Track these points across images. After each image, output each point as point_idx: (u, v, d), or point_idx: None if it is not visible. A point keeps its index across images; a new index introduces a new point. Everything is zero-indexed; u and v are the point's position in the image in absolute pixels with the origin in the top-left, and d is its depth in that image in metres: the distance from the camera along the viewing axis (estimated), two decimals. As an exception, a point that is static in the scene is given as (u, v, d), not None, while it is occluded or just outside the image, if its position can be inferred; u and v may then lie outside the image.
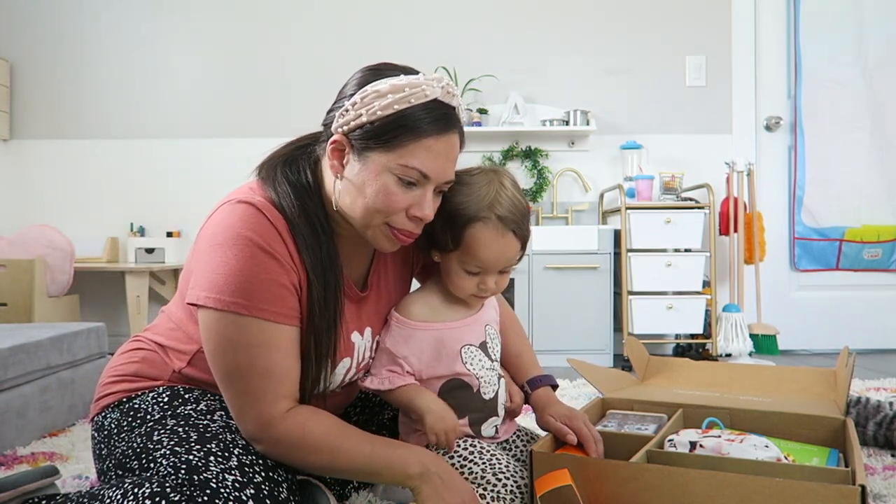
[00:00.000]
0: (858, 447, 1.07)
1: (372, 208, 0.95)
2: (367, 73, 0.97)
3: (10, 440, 1.58)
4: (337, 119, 0.96)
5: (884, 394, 2.15)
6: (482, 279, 1.08)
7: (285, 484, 0.92)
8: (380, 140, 0.93)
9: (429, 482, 0.95)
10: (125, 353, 1.12)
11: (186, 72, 3.38)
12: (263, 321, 0.92)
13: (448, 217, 1.04)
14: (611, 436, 1.18)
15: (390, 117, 0.92)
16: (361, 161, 0.95)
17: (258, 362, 0.92)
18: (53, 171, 3.38)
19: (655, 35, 3.30)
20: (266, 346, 0.92)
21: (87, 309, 3.26)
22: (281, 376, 0.94)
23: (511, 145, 3.28)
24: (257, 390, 0.92)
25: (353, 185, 0.96)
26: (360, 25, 3.33)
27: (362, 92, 0.94)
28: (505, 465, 1.07)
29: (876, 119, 3.20)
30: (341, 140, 0.95)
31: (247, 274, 0.91)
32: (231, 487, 0.85)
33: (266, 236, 0.93)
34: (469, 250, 1.05)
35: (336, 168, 0.97)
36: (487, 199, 1.04)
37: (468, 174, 1.08)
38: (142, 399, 1.04)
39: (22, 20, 3.39)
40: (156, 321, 1.15)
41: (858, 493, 0.86)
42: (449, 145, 0.96)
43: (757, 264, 2.99)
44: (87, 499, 0.92)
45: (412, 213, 0.97)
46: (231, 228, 0.93)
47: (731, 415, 1.29)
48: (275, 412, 0.93)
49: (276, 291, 0.93)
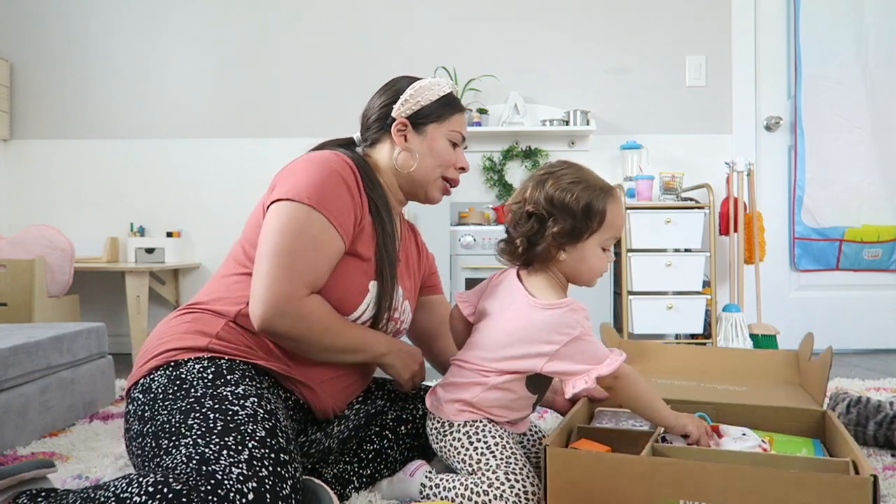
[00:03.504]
0: (850, 437, 1.09)
1: (436, 164, 1.31)
2: (403, 79, 1.34)
3: (10, 440, 1.58)
4: (396, 109, 1.29)
5: (884, 394, 2.15)
6: (609, 254, 1.17)
7: (290, 481, 0.93)
8: (435, 115, 1.30)
9: (397, 357, 1.28)
10: (174, 318, 1.21)
11: (186, 72, 3.38)
12: (326, 220, 1.14)
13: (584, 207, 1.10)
14: (611, 432, 1.19)
15: (439, 101, 1.31)
16: (420, 134, 1.30)
17: (306, 250, 1.12)
18: (53, 171, 3.38)
19: (655, 35, 3.30)
20: (320, 243, 1.14)
21: (87, 309, 3.26)
22: (314, 269, 1.14)
23: (511, 145, 3.29)
24: (295, 270, 1.11)
25: (418, 151, 1.30)
26: (361, 26, 3.33)
27: (412, 88, 1.30)
28: (520, 467, 1.08)
29: (876, 119, 3.20)
30: (404, 122, 1.30)
31: (323, 184, 1.15)
32: (235, 480, 0.87)
33: (347, 172, 1.19)
34: (612, 224, 1.14)
35: (401, 142, 1.30)
36: (596, 180, 1.15)
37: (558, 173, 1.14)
38: (188, 370, 1.09)
39: (22, 20, 3.38)
40: (206, 289, 1.25)
41: (870, 483, 0.88)
42: (464, 117, 1.38)
43: (757, 264, 2.99)
44: (93, 489, 0.93)
45: (459, 164, 1.35)
46: (321, 159, 1.19)
47: (716, 409, 1.33)
48: (300, 291, 1.12)
49: (340, 205, 1.16)
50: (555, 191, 1.11)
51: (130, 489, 0.87)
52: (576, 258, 1.13)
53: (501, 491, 1.04)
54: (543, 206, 1.11)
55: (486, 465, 1.08)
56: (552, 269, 1.15)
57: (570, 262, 1.13)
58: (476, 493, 1.06)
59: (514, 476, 1.06)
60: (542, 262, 1.14)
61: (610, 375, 1.08)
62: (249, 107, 3.31)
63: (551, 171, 1.15)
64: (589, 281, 1.16)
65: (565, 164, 1.17)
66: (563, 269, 1.15)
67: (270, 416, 1.01)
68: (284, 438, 0.99)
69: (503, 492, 1.04)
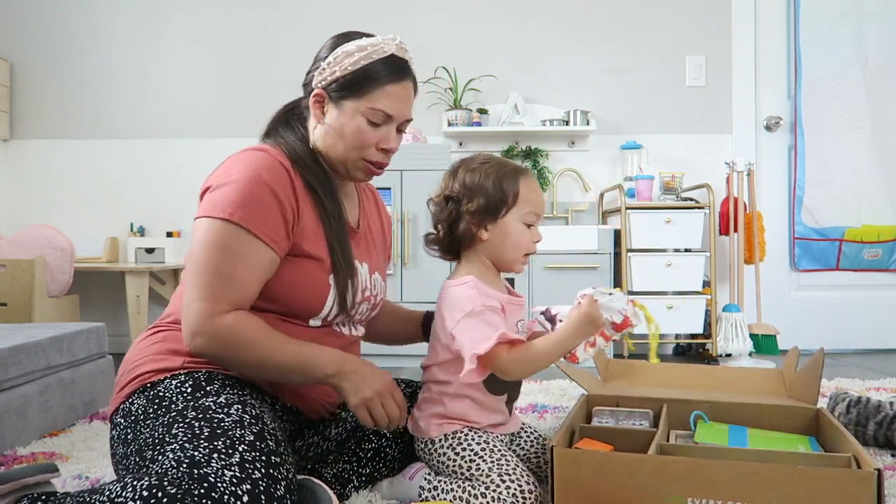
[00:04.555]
0: (848, 433, 1.10)
1: (349, 146, 1.17)
2: (337, 38, 1.20)
3: (10, 440, 1.58)
4: (316, 77, 1.18)
5: (884, 394, 2.15)
6: (534, 231, 1.20)
7: (284, 482, 0.92)
8: (352, 90, 1.15)
9: (346, 379, 1.10)
10: (145, 339, 1.18)
11: (186, 72, 3.38)
12: (244, 231, 1.06)
13: (496, 182, 1.17)
14: (612, 431, 1.20)
15: (358, 70, 1.15)
16: (338, 108, 1.17)
17: (226, 266, 1.06)
18: (53, 171, 3.38)
19: (655, 35, 3.30)
20: (240, 257, 1.06)
21: (87, 309, 3.26)
22: (239, 286, 1.07)
23: (511, 145, 3.28)
24: (216, 288, 1.05)
25: (333, 128, 1.17)
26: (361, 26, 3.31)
27: (334, 53, 1.16)
28: (513, 467, 1.08)
29: (876, 119, 3.20)
30: (321, 93, 1.18)
31: (243, 193, 1.07)
32: (228, 482, 0.86)
33: (273, 173, 1.11)
34: (528, 198, 1.18)
35: (318, 116, 1.19)
36: (507, 163, 1.21)
37: (472, 159, 1.23)
38: (165, 387, 1.07)
39: (22, 20, 3.39)
40: (171, 305, 1.22)
41: (875, 477, 0.90)
42: (405, 90, 1.19)
43: (757, 264, 2.99)
44: (89, 493, 0.93)
45: (381, 146, 1.19)
46: (243, 164, 1.11)
47: (712, 408, 1.34)
48: (219, 309, 1.05)
49: (265, 213, 1.08)
50: (466, 173, 1.19)
51: (125, 493, 0.86)
52: (498, 235, 1.17)
53: (498, 493, 1.04)
54: (458, 189, 1.18)
55: (478, 469, 1.09)
56: (479, 256, 1.19)
57: (494, 239, 1.17)
58: (474, 495, 1.06)
59: (508, 477, 1.06)
60: (467, 246, 1.19)
61: (503, 357, 1.06)
62: (249, 107, 3.31)
63: (463, 160, 1.23)
64: (513, 260, 1.19)
65: (478, 154, 1.25)
66: (488, 252, 1.19)
67: (257, 420, 1.00)
68: (274, 441, 0.98)
69: (500, 493, 1.04)
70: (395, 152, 1.22)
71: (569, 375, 1.46)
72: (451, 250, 1.22)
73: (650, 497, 0.98)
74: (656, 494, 0.98)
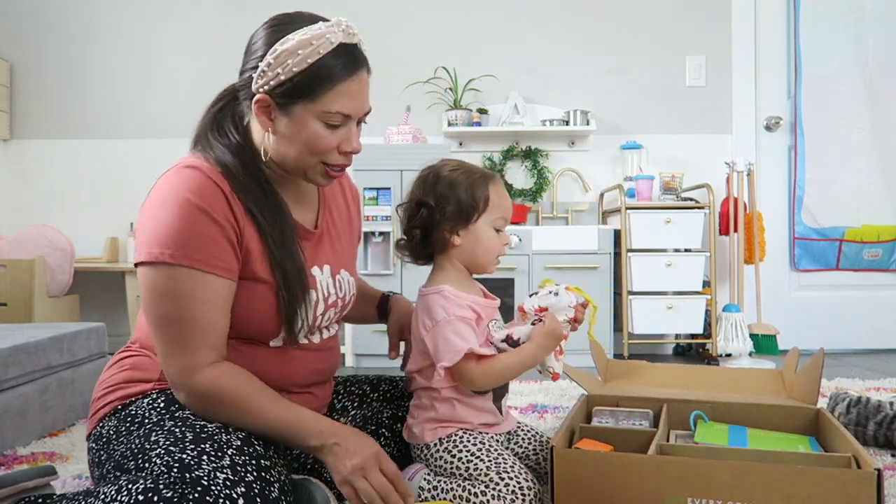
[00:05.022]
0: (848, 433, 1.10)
1: (305, 153, 1.05)
2: (270, 30, 1.05)
3: (10, 440, 1.58)
4: (256, 80, 1.03)
5: (884, 394, 2.15)
6: (504, 235, 1.21)
7: (277, 484, 0.92)
8: (301, 94, 1.01)
9: (330, 453, 1.00)
10: (114, 365, 1.14)
11: (186, 72, 3.38)
12: (191, 269, 0.97)
13: (467, 189, 1.17)
14: (612, 431, 1.20)
15: (305, 71, 1.00)
16: (287, 115, 1.03)
17: (185, 312, 0.97)
18: (53, 171, 3.38)
19: (655, 35, 3.30)
20: (192, 295, 0.97)
21: (87, 309, 3.26)
22: (206, 327, 0.99)
23: (511, 145, 3.28)
24: (182, 338, 0.98)
25: (285, 136, 1.05)
26: (360, 26, 3.31)
27: (273, 52, 1.01)
28: (511, 464, 1.09)
29: (876, 119, 3.20)
30: (265, 98, 1.03)
31: (178, 228, 0.97)
32: (222, 485, 0.85)
33: (206, 195, 0.99)
34: (497, 204, 1.19)
35: (265, 123, 1.05)
36: (476, 170, 1.22)
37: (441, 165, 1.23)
38: (137, 406, 1.05)
39: (22, 20, 3.39)
40: (136, 328, 1.17)
41: (874, 476, 0.90)
42: (361, 82, 1.06)
43: (757, 264, 2.99)
44: (84, 496, 0.92)
45: (343, 148, 1.07)
46: (171, 191, 1.00)
47: (712, 408, 1.34)
48: (197, 360, 0.98)
49: (207, 243, 0.98)
50: (437, 181, 1.19)
51: (120, 497, 0.85)
52: (470, 240, 1.18)
53: (498, 490, 1.05)
54: (430, 196, 1.18)
55: (476, 469, 1.09)
56: (452, 261, 1.20)
57: (466, 244, 1.18)
58: (473, 493, 1.06)
59: (506, 474, 1.06)
60: (440, 251, 1.20)
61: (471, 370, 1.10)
62: (249, 107, 3.30)
63: (432, 166, 1.23)
64: (486, 263, 1.20)
65: (446, 160, 1.25)
66: (460, 256, 1.20)
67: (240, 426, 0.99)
68: (261, 445, 0.97)
69: (500, 491, 1.05)
70: (359, 153, 1.10)
71: (569, 375, 1.46)
72: (424, 255, 1.23)
73: (650, 497, 0.98)
74: (656, 494, 0.98)
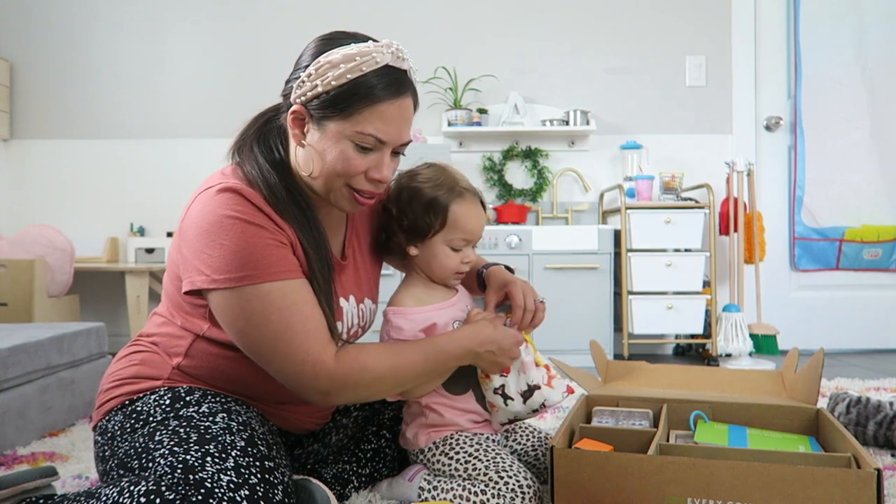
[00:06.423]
0: (848, 433, 1.10)
1: (332, 173, 1.00)
2: (320, 43, 1.02)
3: (10, 440, 1.58)
4: (295, 90, 1.00)
5: (884, 394, 2.15)
6: (464, 253, 1.17)
7: (281, 486, 0.92)
8: (336, 109, 0.97)
9: (481, 359, 1.10)
10: (123, 358, 1.12)
11: (187, 72, 3.38)
12: (280, 282, 0.95)
13: (425, 205, 1.13)
14: (612, 431, 1.20)
15: (344, 86, 0.96)
16: (320, 130, 0.99)
17: (294, 321, 0.95)
18: (53, 171, 3.38)
19: (655, 35, 3.30)
20: (293, 303, 0.96)
21: (87, 309, 3.26)
22: (316, 326, 0.97)
23: (511, 145, 3.28)
24: (303, 348, 0.95)
25: (315, 151, 1.00)
26: (361, 26, 3.31)
27: (316, 63, 0.98)
28: (509, 464, 1.09)
29: (876, 119, 3.20)
30: (300, 110, 1.00)
31: (243, 246, 0.94)
32: (226, 488, 0.85)
33: (247, 210, 0.96)
34: (456, 224, 1.13)
35: (298, 136, 1.02)
36: (449, 181, 1.15)
37: (418, 170, 1.18)
38: (144, 402, 1.04)
39: (22, 20, 3.39)
40: (148, 323, 1.16)
41: (874, 476, 0.91)
42: (402, 108, 1.00)
43: (757, 264, 2.99)
44: (85, 497, 0.92)
45: (371, 175, 1.02)
46: (213, 213, 0.95)
47: (712, 408, 1.34)
48: (328, 361, 0.97)
49: (276, 252, 0.96)
50: (405, 188, 1.15)
51: (122, 499, 0.85)
52: (426, 255, 1.17)
53: (498, 489, 1.05)
54: (393, 203, 1.16)
55: (475, 469, 1.10)
56: (416, 268, 1.20)
57: (422, 257, 1.17)
58: (473, 493, 1.06)
59: (506, 473, 1.07)
60: (400, 255, 1.19)
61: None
62: (249, 107, 3.30)
63: (410, 170, 1.19)
64: (442, 279, 1.18)
65: (431, 164, 1.19)
66: (419, 266, 1.19)
67: (245, 426, 0.98)
68: (265, 446, 0.96)
69: (499, 489, 1.05)
70: (388, 181, 1.06)
71: (569, 376, 1.46)
72: (396, 255, 1.22)
73: (650, 497, 0.98)
74: (656, 494, 0.98)
